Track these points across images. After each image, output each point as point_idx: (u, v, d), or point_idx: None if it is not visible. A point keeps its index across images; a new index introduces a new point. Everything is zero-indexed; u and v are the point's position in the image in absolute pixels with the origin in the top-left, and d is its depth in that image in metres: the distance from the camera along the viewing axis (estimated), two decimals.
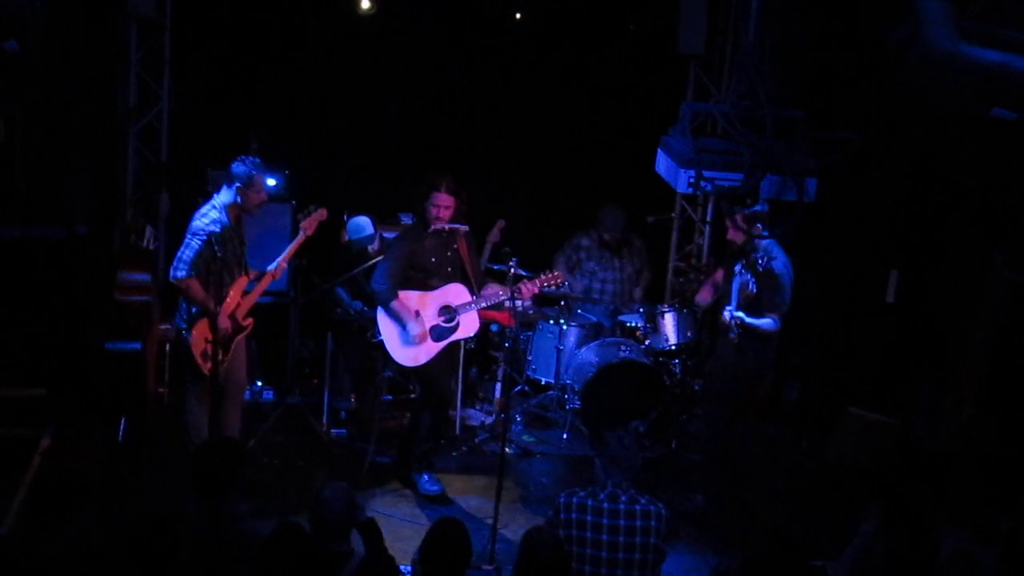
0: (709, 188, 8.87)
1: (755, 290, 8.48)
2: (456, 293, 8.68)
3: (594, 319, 10.60)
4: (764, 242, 8.53)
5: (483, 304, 8.66)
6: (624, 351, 10.03)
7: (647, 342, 10.28)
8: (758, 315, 8.50)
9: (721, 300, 8.81)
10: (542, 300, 10.71)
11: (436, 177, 8.54)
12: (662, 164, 9.24)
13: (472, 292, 8.69)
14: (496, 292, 8.70)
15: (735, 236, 8.65)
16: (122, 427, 8.84)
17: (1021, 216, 8.70)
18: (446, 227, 8.52)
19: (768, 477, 9.05)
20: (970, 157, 8.89)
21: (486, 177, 10.80)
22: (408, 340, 8.62)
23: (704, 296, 9.18)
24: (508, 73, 11.33)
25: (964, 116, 8.51)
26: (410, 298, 8.63)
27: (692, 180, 8.79)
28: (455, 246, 8.69)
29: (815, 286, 9.87)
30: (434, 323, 8.66)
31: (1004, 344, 9.02)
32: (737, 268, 8.64)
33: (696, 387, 10.75)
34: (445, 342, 8.70)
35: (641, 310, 10.53)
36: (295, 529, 5.68)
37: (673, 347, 10.28)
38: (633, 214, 10.81)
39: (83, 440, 8.40)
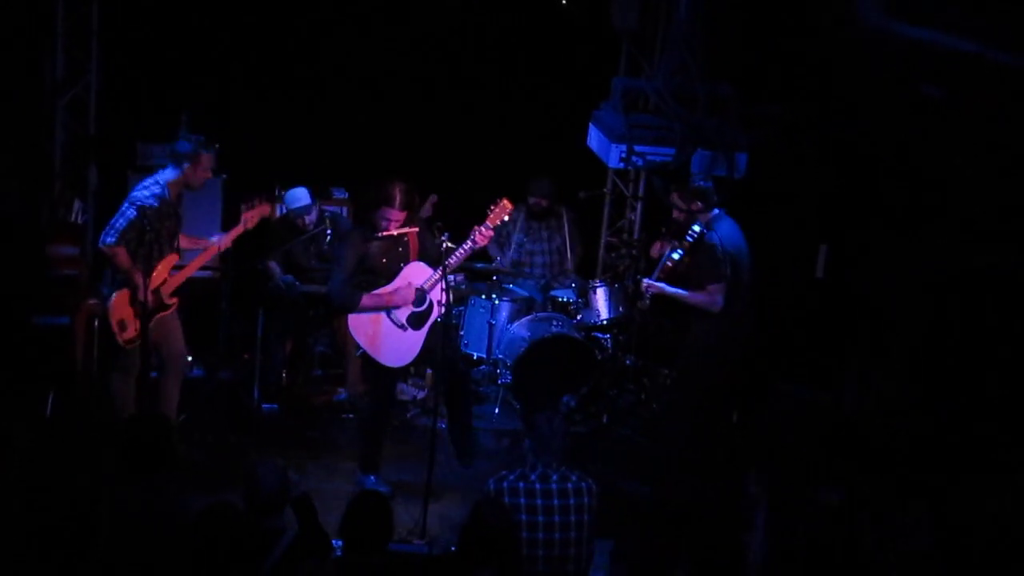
0: (640, 163, 8.90)
1: (672, 261, 8.63)
2: (416, 273, 8.38)
3: (526, 294, 10.61)
4: (713, 214, 8.66)
5: (447, 268, 8.26)
6: (555, 326, 10.05)
7: (579, 317, 10.32)
8: (694, 288, 8.64)
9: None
10: (474, 275, 10.70)
11: (389, 190, 8.15)
12: (594, 139, 9.26)
13: (430, 266, 8.37)
14: (460, 247, 8.32)
15: (677, 216, 8.80)
16: (50, 402, 8.77)
17: (949, 192, 8.80)
18: (395, 232, 8.23)
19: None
20: (899, 133, 8.98)
21: (417, 151, 10.77)
22: (387, 340, 8.36)
23: None
24: (440, 47, 11.30)
25: (893, 92, 8.59)
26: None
27: (623, 155, 8.81)
28: (405, 240, 8.40)
29: None
30: (408, 312, 8.41)
31: (933, 319, 9.12)
32: (671, 244, 8.75)
33: (628, 362, 10.80)
34: (427, 326, 8.40)
35: (573, 285, 10.56)
36: (226, 507, 5.66)
37: (604, 322, 10.34)
38: (565, 189, 10.81)
39: (10, 414, 8.35)
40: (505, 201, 8.52)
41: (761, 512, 6.75)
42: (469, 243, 8.32)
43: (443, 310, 8.44)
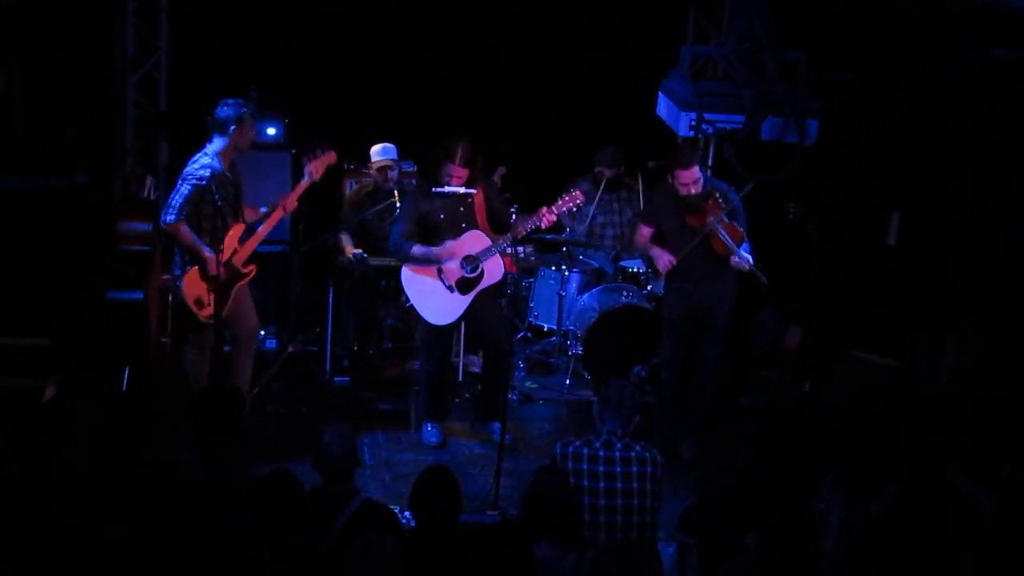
0: (710, 131, 8.86)
1: (743, 227, 8.53)
2: (474, 241, 8.56)
3: (595, 264, 10.58)
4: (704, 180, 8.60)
5: (503, 246, 8.49)
6: (626, 296, 10.02)
7: (649, 287, 10.27)
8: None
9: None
10: (543, 246, 10.69)
11: (452, 146, 8.41)
12: (663, 107, 9.23)
13: (490, 237, 8.56)
14: (522, 223, 8.46)
15: (696, 187, 8.56)
16: (124, 376, 8.86)
17: (1021, 156, 8.68)
18: (454, 191, 8.40)
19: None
20: (971, 97, 8.86)
21: (485, 123, 10.74)
22: (435, 299, 8.57)
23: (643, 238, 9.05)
24: (509, 17, 11.24)
25: (965, 56, 8.48)
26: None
27: (693, 123, 8.77)
28: (469, 201, 8.57)
29: (816, 228, 9.87)
30: (458, 275, 8.59)
31: (1005, 285, 9.02)
32: (711, 221, 8.45)
33: None
34: (473, 293, 8.61)
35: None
36: (286, 475, 5.69)
37: None
38: (634, 159, 10.75)
39: (86, 389, 8.44)
40: (578, 192, 8.54)
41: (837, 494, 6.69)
42: (531, 222, 8.38)
43: (493, 281, 8.61)
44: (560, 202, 8.46)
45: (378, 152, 9.91)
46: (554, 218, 8.45)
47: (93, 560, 5.46)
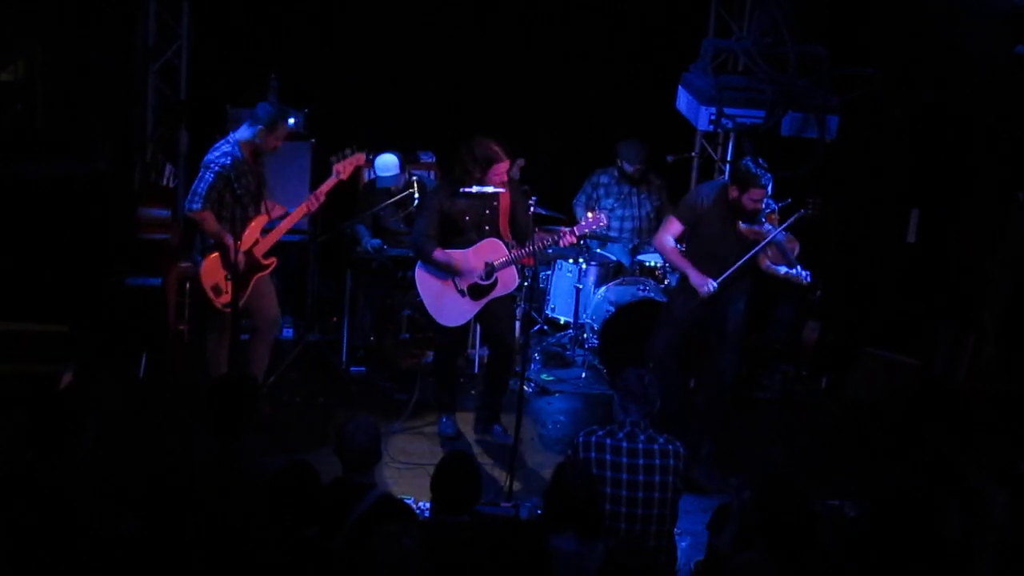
0: (730, 125, 8.84)
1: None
2: (491, 249, 8.50)
3: (613, 258, 10.56)
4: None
5: (519, 256, 8.44)
6: (642, 290, 10.01)
7: (667, 281, 10.26)
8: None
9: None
10: None
11: (490, 148, 8.27)
12: (683, 101, 9.22)
13: (507, 246, 8.50)
14: (541, 238, 8.50)
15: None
16: (143, 363, 8.89)
17: None
18: (482, 190, 8.32)
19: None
20: (992, 94, 8.83)
21: (505, 115, 10.75)
22: (446, 300, 8.56)
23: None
24: (528, 9, 11.25)
25: (987, 53, 8.46)
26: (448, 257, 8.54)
27: (713, 117, 8.76)
28: (495, 203, 8.50)
29: (835, 225, 9.85)
30: (472, 281, 8.56)
31: None
32: (768, 227, 8.20)
33: None
34: (485, 300, 8.57)
35: None
36: (303, 465, 5.70)
37: None
38: (653, 152, 10.73)
39: (104, 376, 8.47)
40: (601, 215, 8.57)
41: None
42: (551, 239, 8.45)
43: (506, 291, 8.62)
44: (583, 223, 8.51)
45: (379, 169, 9.77)
46: (575, 240, 8.50)
47: (107, 548, 5.47)
